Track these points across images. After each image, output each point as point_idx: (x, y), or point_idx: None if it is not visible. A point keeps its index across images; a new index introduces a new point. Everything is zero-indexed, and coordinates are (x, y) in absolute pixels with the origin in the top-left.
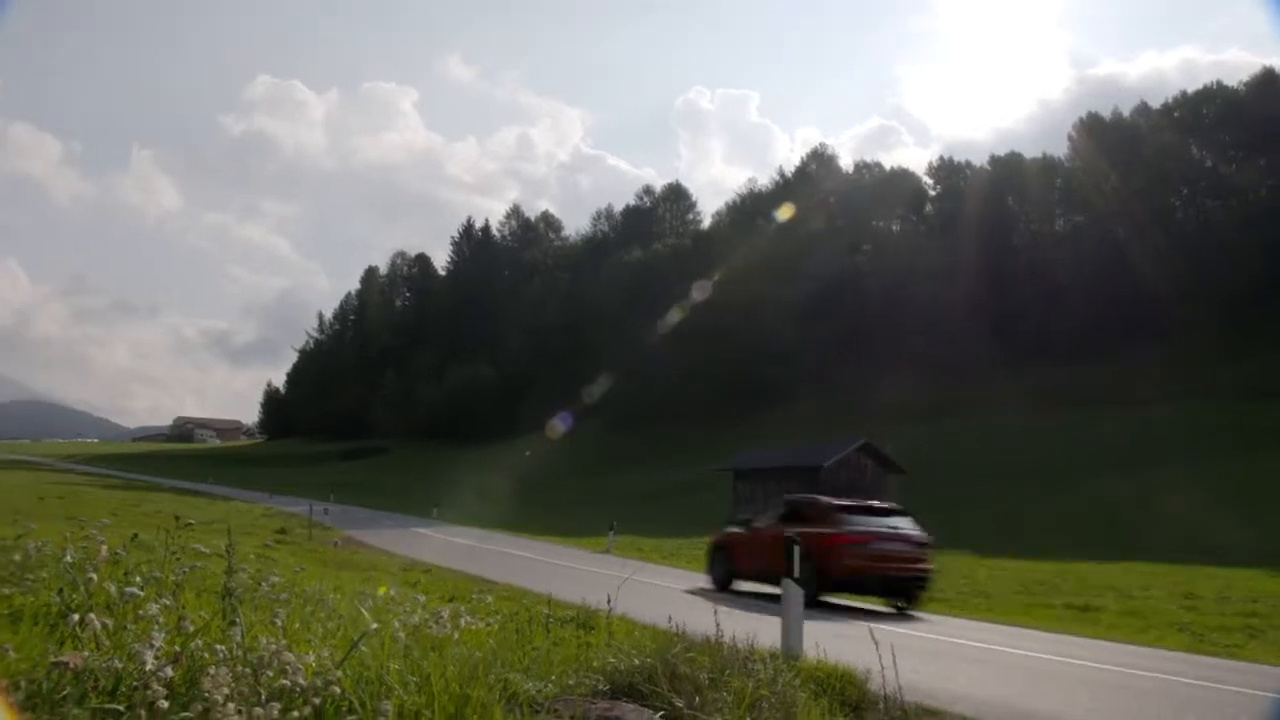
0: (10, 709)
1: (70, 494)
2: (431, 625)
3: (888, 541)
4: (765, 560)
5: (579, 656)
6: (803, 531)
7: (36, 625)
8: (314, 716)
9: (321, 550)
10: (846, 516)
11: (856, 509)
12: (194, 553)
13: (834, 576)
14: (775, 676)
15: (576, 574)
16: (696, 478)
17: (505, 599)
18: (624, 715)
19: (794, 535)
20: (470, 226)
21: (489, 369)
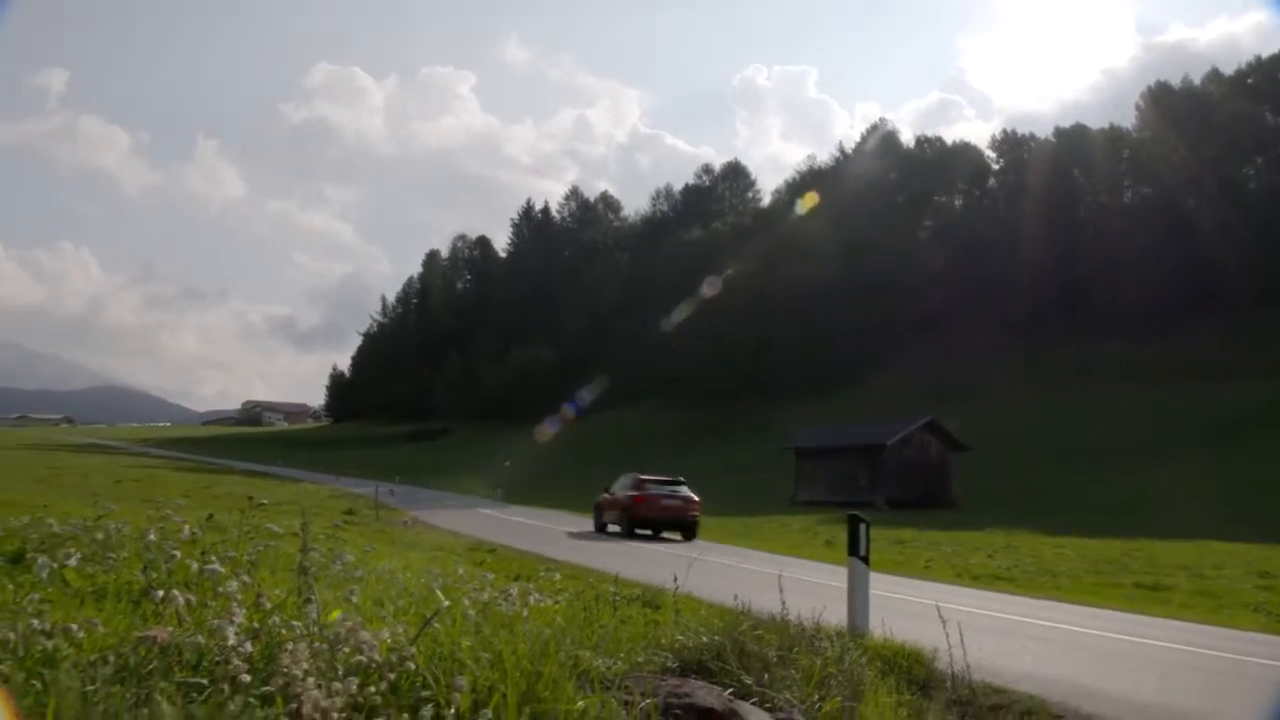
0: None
1: (145, 477)
2: (501, 603)
3: (668, 499)
4: (615, 513)
5: (646, 634)
6: (627, 495)
7: (120, 602)
8: (389, 692)
9: (388, 530)
10: (648, 486)
11: (655, 481)
12: (267, 532)
13: (637, 519)
14: (842, 654)
15: (639, 553)
16: (759, 457)
17: (570, 578)
18: (694, 692)
19: (855, 516)
20: (530, 208)
21: (550, 350)
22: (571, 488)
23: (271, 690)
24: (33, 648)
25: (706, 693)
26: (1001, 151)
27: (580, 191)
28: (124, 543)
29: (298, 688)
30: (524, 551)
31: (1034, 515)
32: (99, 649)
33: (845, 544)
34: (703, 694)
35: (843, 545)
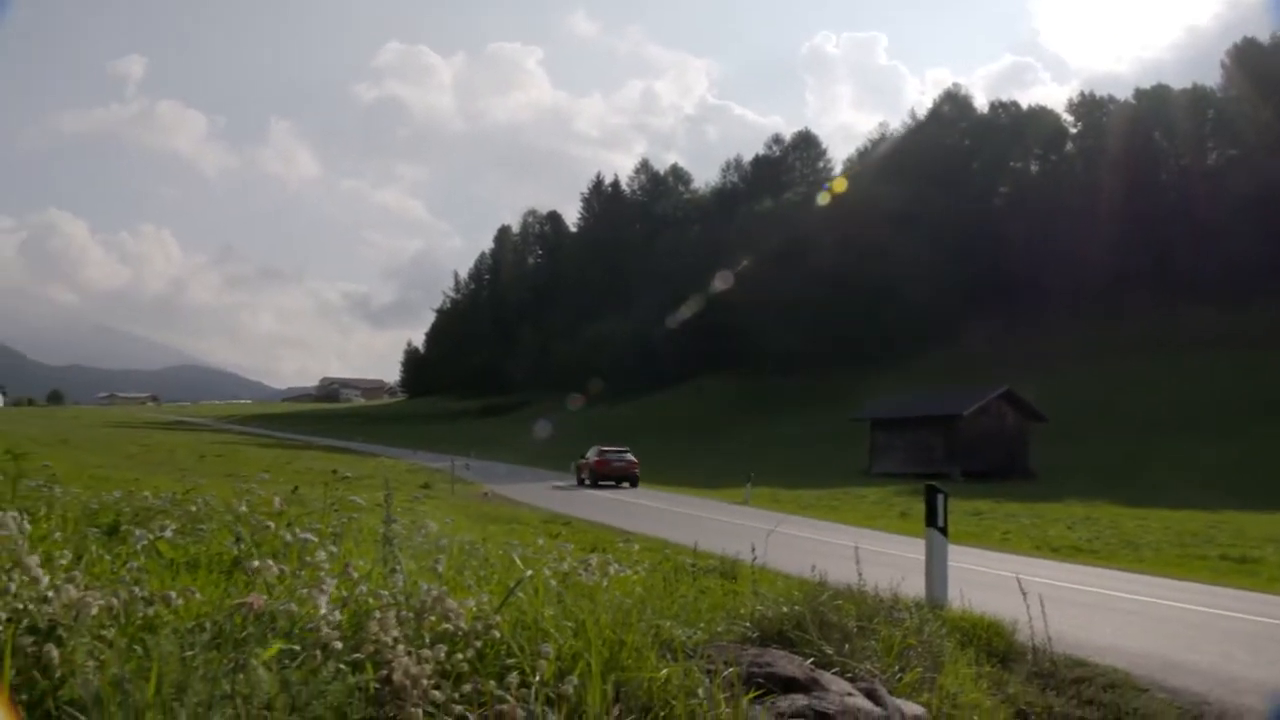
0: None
1: (228, 452)
2: (581, 573)
3: (617, 462)
4: (586, 471)
5: (724, 604)
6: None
7: (211, 573)
8: (475, 659)
9: (465, 503)
10: (606, 454)
11: (610, 450)
12: (350, 505)
13: (599, 475)
14: (921, 626)
15: (715, 525)
16: (833, 427)
17: (646, 550)
18: (775, 662)
19: (933, 486)
20: (599, 182)
21: (622, 323)
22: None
23: (361, 657)
24: (133, 614)
25: (788, 662)
26: (1079, 115)
27: (650, 164)
28: (212, 515)
29: (388, 654)
30: (599, 524)
31: (1114, 486)
32: (195, 616)
33: (921, 515)
34: (784, 663)
35: (918, 517)
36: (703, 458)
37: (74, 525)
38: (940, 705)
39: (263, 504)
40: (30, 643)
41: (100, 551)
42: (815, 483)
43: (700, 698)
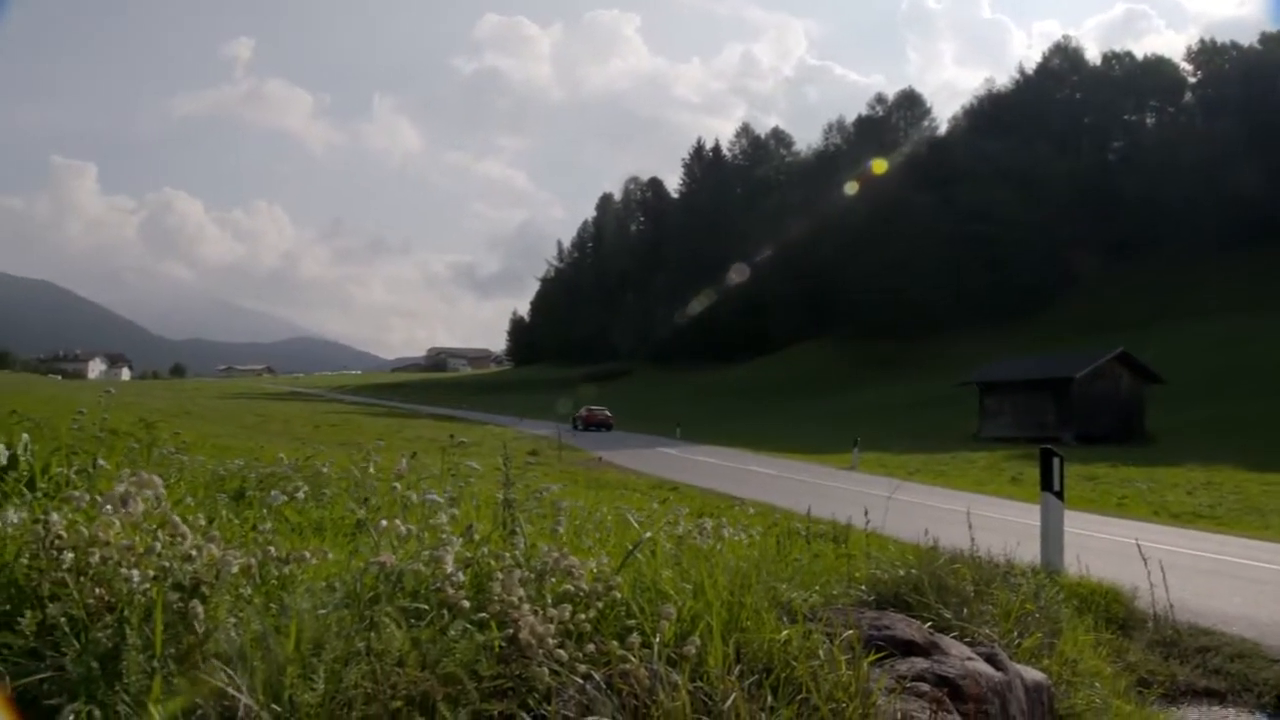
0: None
1: (341, 422)
2: (695, 536)
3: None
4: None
5: (838, 569)
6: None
7: (337, 535)
8: (596, 620)
9: (573, 470)
10: (591, 410)
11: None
12: (467, 470)
13: (586, 423)
14: (1038, 591)
15: (823, 491)
16: (940, 392)
17: (755, 515)
18: (894, 625)
19: (1049, 449)
20: (700, 148)
21: (726, 289)
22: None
23: (486, 616)
24: (268, 574)
25: (906, 625)
26: (1198, 64)
27: (750, 128)
28: (331, 481)
29: (514, 614)
30: (707, 489)
31: (1236, 450)
32: (325, 576)
33: (1032, 480)
34: (903, 627)
35: (1030, 482)
36: (808, 423)
37: (203, 491)
38: (1060, 671)
39: (382, 470)
40: (176, 599)
41: (229, 515)
42: (923, 448)
43: (821, 660)
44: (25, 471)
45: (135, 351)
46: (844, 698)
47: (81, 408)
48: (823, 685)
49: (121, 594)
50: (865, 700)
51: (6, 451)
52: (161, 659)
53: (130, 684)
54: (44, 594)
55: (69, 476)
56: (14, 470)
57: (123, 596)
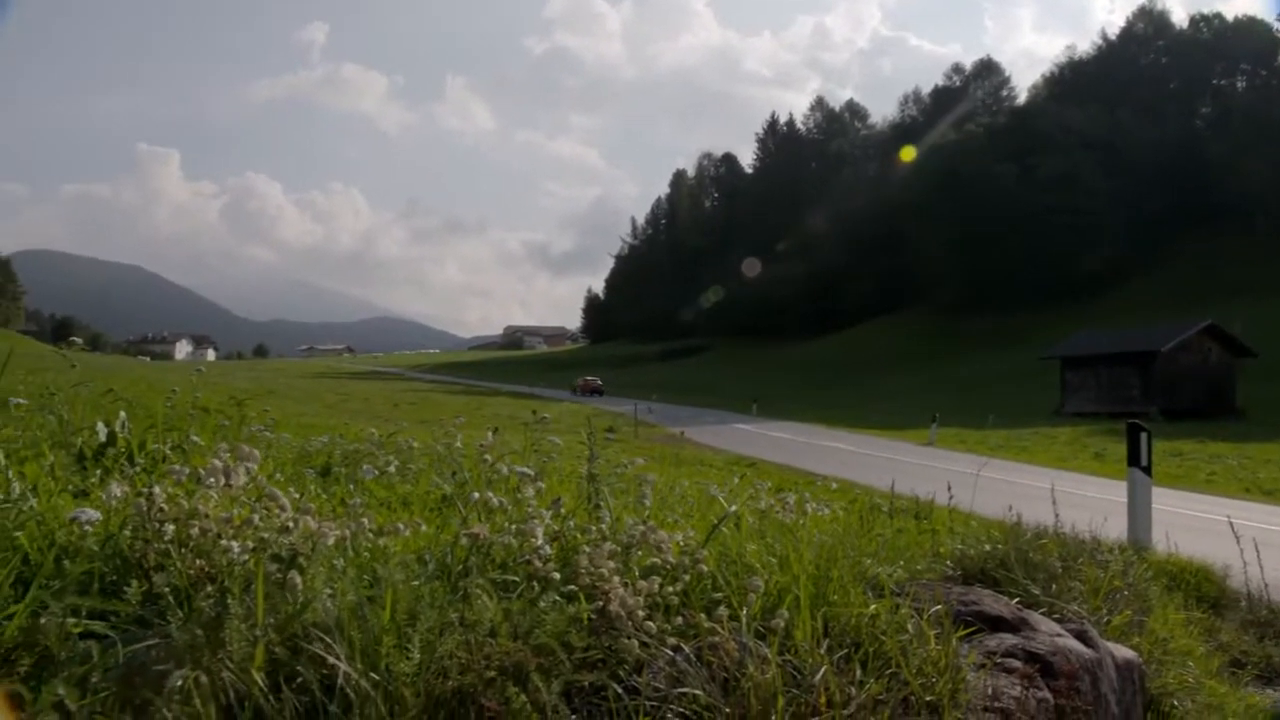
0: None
1: (420, 400)
2: (778, 511)
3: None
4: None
5: (921, 544)
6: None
7: (423, 510)
8: (683, 593)
9: (650, 446)
10: (586, 379)
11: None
12: (549, 445)
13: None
14: (1126, 568)
15: (902, 467)
16: (1020, 366)
17: (835, 491)
18: (981, 600)
19: (1136, 424)
20: (774, 122)
21: (800, 264)
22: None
23: (575, 589)
24: (361, 545)
25: (994, 601)
26: None
27: (825, 101)
28: (415, 457)
29: (604, 586)
30: (784, 466)
31: None
32: (414, 549)
33: (1116, 456)
34: (990, 602)
35: (1114, 458)
36: (884, 399)
37: (291, 467)
38: (1150, 650)
39: (465, 446)
40: (275, 570)
41: (317, 490)
42: (1003, 423)
43: (910, 634)
44: (123, 448)
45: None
46: (933, 672)
47: (174, 387)
48: (912, 660)
49: (221, 565)
50: (955, 675)
51: (105, 429)
52: (263, 628)
53: (234, 652)
54: (149, 564)
55: (165, 452)
56: (113, 447)
57: (222, 567)
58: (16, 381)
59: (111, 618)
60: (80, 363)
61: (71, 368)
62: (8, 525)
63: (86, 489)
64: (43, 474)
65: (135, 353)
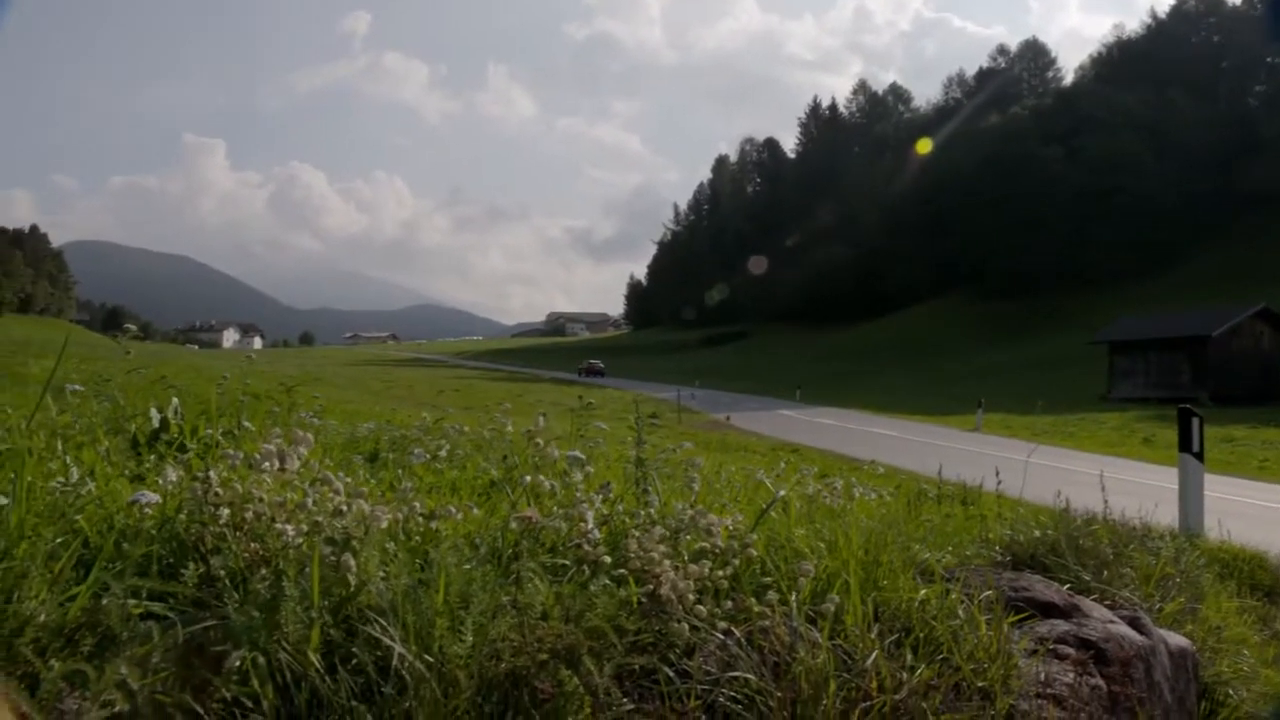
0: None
1: (464, 386)
2: (825, 496)
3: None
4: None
5: (969, 529)
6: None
7: (472, 495)
8: (732, 577)
9: (693, 432)
10: (590, 361)
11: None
12: (595, 430)
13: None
14: (1178, 555)
15: (946, 453)
16: (1067, 351)
17: (880, 477)
18: (1032, 586)
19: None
20: (816, 106)
21: (843, 249)
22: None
23: (625, 573)
24: (413, 529)
25: (1045, 587)
26: None
27: (868, 85)
28: (461, 443)
29: (655, 569)
30: (827, 451)
31: None
32: (466, 533)
33: (1166, 442)
34: (1041, 588)
35: (1163, 443)
36: (929, 384)
37: (339, 452)
38: (1204, 638)
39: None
40: (329, 553)
41: (366, 476)
42: (1049, 409)
43: (960, 620)
44: (176, 434)
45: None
46: (985, 658)
47: (224, 374)
48: (963, 645)
49: (274, 548)
50: (1007, 661)
51: (158, 415)
52: (319, 610)
53: (290, 633)
54: (206, 547)
55: (217, 438)
56: (165, 433)
57: (276, 551)
58: (70, 369)
59: (169, 600)
60: (132, 351)
61: (126, 354)
62: (68, 509)
63: (141, 474)
64: (99, 459)
65: (184, 341)
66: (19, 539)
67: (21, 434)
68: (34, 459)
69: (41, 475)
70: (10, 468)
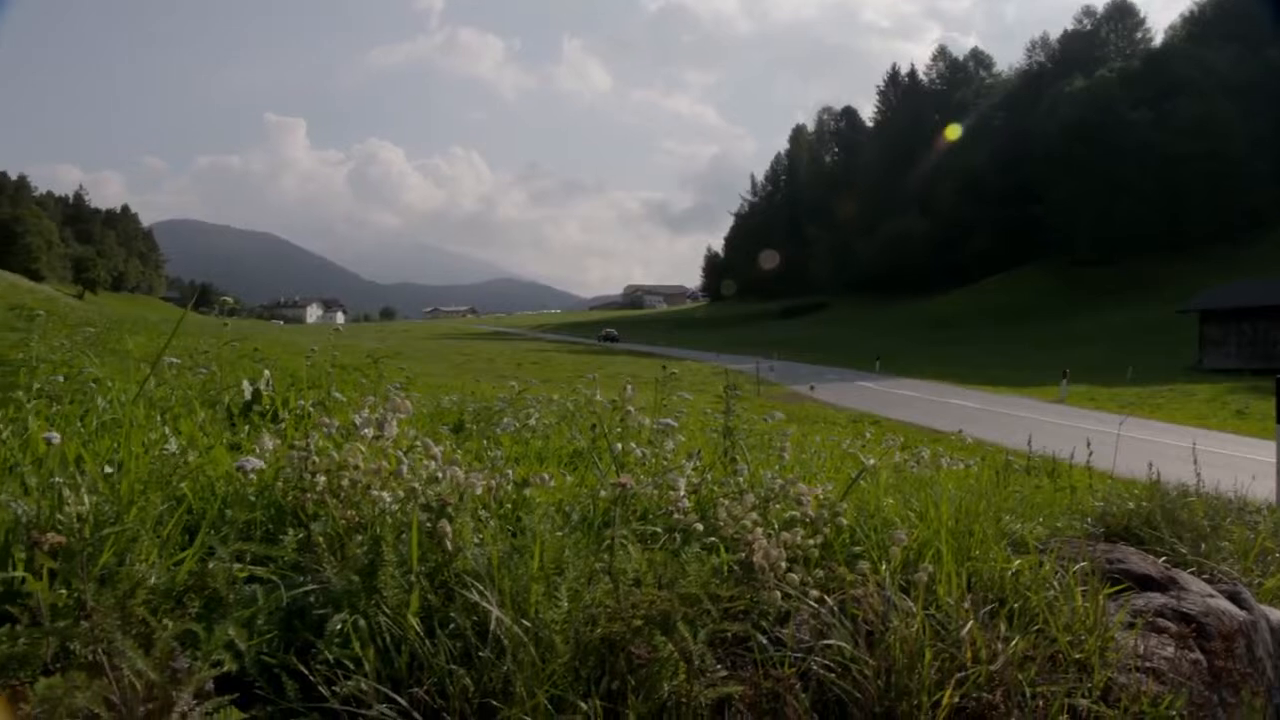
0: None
1: (543, 359)
2: (912, 465)
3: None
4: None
5: (1059, 501)
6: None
7: (556, 465)
8: (823, 545)
9: (772, 404)
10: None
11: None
12: (678, 401)
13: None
14: (1277, 529)
15: (1030, 425)
16: (1158, 320)
17: (963, 448)
18: (1127, 558)
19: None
20: (895, 74)
21: (923, 218)
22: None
23: (715, 540)
24: (505, 496)
25: (1141, 559)
26: None
27: (947, 50)
28: (547, 414)
29: (748, 536)
30: (908, 423)
31: None
32: (557, 501)
33: (1260, 414)
34: (1137, 560)
35: (1258, 416)
36: (1012, 355)
37: (425, 423)
38: None
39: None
40: (425, 519)
41: (452, 446)
42: (1137, 380)
43: (1055, 590)
44: (268, 405)
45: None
46: (1081, 630)
47: (312, 347)
48: (1058, 617)
49: (369, 514)
50: (1103, 634)
51: (250, 386)
52: (417, 575)
53: (389, 597)
54: (308, 512)
55: (307, 409)
56: (257, 404)
57: (371, 517)
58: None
59: (269, 564)
60: (228, 324)
61: (224, 326)
62: (171, 477)
63: (237, 443)
64: (195, 429)
65: (269, 317)
66: (129, 505)
67: (124, 406)
68: (135, 429)
69: (142, 445)
70: (114, 438)
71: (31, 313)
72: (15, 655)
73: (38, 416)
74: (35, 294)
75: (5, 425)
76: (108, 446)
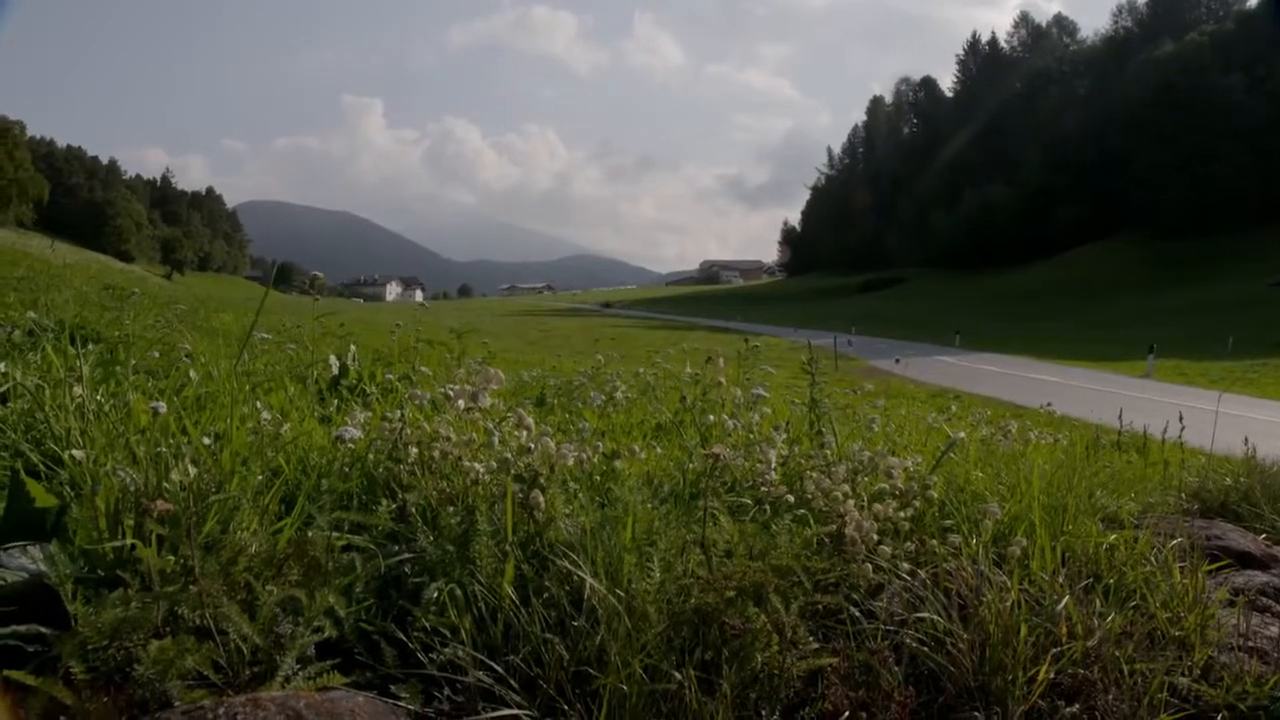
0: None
1: (619, 335)
2: (999, 439)
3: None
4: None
5: (1150, 476)
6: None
7: (640, 438)
8: (913, 519)
9: (850, 378)
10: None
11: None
12: (760, 375)
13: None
14: None
15: (1116, 400)
16: (1250, 292)
17: (1049, 423)
18: (1225, 535)
19: None
20: (976, 42)
21: (1004, 190)
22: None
23: (804, 512)
24: (595, 468)
25: (1240, 536)
26: None
27: (1030, 17)
28: (630, 387)
29: (841, 509)
30: (988, 398)
31: None
32: (647, 473)
33: None
34: (1236, 537)
35: None
36: (1097, 329)
37: (507, 398)
38: None
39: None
40: (518, 490)
41: (536, 419)
42: (1227, 354)
43: (1153, 566)
44: (354, 379)
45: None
46: (1180, 607)
47: (396, 323)
48: (1156, 593)
49: (460, 486)
50: (1203, 611)
51: (337, 362)
52: (511, 544)
53: (482, 567)
54: (400, 484)
55: (394, 383)
56: (344, 378)
57: (462, 488)
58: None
59: (365, 533)
60: (302, 305)
61: (315, 302)
62: (266, 448)
63: (328, 416)
64: (286, 403)
65: (349, 295)
66: (230, 475)
67: (219, 380)
68: (231, 402)
69: (237, 418)
70: (212, 410)
71: (125, 293)
72: (128, 619)
73: (136, 390)
74: (126, 274)
75: (107, 399)
76: (206, 419)
